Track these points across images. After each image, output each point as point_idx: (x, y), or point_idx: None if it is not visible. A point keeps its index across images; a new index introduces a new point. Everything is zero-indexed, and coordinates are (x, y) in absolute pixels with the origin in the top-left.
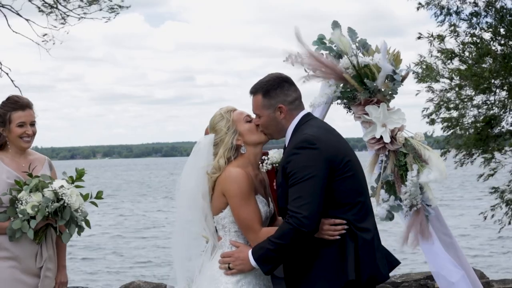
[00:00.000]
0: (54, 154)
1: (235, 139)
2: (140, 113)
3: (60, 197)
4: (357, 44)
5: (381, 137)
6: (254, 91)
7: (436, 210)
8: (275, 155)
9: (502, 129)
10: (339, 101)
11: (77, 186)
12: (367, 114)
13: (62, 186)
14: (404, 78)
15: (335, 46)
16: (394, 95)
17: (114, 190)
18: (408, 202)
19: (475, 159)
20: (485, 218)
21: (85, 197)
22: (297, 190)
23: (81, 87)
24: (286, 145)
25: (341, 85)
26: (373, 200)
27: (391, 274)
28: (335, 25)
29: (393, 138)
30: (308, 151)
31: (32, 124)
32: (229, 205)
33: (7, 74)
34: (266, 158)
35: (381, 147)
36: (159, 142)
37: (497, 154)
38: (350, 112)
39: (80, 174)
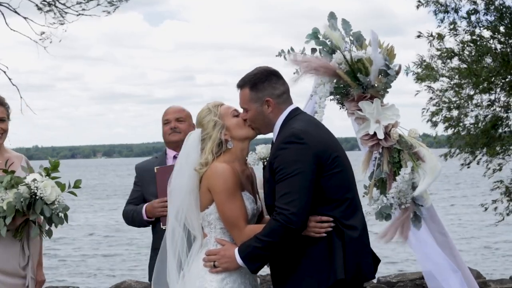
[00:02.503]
0: (54, 154)
1: (222, 134)
2: (140, 112)
3: (33, 190)
4: (351, 38)
5: (375, 133)
6: (242, 84)
7: (431, 208)
8: (262, 150)
9: (506, 130)
10: (331, 97)
11: (53, 178)
12: (360, 110)
13: (34, 179)
14: (397, 72)
15: (329, 41)
16: (387, 90)
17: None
18: (395, 199)
19: (480, 158)
20: (486, 209)
21: (62, 188)
22: (285, 186)
23: (81, 86)
24: (274, 140)
25: (334, 80)
26: (366, 199)
27: (386, 273)
28: (331, 16)
29: (387, 134)
30: (296, 145)
31: (1, 120)
32: (215, 201)
33: (4, 72)
34: (253, 153)
35: (374, 144)
36: (160, 142)
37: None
38: (343, 108)
39: (54, 166)
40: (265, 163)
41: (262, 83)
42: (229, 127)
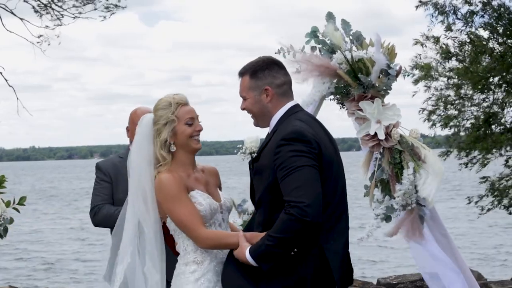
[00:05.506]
0: (51, 154)
1: (169, 136)
2: None
3: None
4: (351, 37)
5: (376, 133)
6: (242, 72)
7: (432, 209)
8: (252, 144)
9: (501, 127)
10: (332, 97)
11: None
12: (361, 110)
13: None
14: (398, 73)
15: (328, 40)
16: (388, 91)
17: None
18: (401, 200)
19: (474, 157)
20: (470, 202)
21: (7, 204)
22: (294, 180)
23: (78, 87)
24: (269, 133)
25: (335, 80)
26: (366, 200)
27: (386, 275)
28: (330, 16)
29: (388, 135)
30: (299, 142)
31: None
32: (166, 212)
33: (1, 73)
34: (243, 147)
35: (375, 144)
36: None
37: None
38: (343, 108)
39: (0, 182)
40: (253, 156)
41: (262, 71)
42: (177, 131)
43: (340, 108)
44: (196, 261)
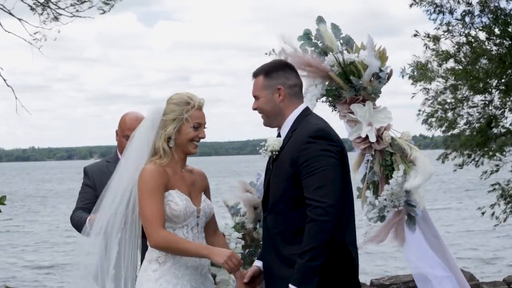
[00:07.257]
0: (51, 155)
1: (174, 132)
2: None
3: None
4: (341, 41)
5: (367, 136)
6: (256, 72)
7: (424, 211)
8: (275, 143)
9: (502, 129)
10: (324, 99)
11: None
12: (352, 112)
13: None
14: (389, 76)
15: (320, 43)
16: (379, 94)
17: None
18: (388, 202)
19: (477, 160)
20: (483, 213)
21: None
22: (317, 180)
23: (77, 87)
24: (287, 133)
25: (327, 82)
26: (359, 201)
27: (379, 276)
28: (320, 20)
29: (379, 137)
30: (325, 141)
31: None
32: (138, 200)
33: None
34: (265, 144)
35: (367, 147)
36: None
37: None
38: (335, 110)
39: None
40: (274, 155)
41: (276, 71)
42: (182, 131)
43: (332, 111)
44: (159, 260)
